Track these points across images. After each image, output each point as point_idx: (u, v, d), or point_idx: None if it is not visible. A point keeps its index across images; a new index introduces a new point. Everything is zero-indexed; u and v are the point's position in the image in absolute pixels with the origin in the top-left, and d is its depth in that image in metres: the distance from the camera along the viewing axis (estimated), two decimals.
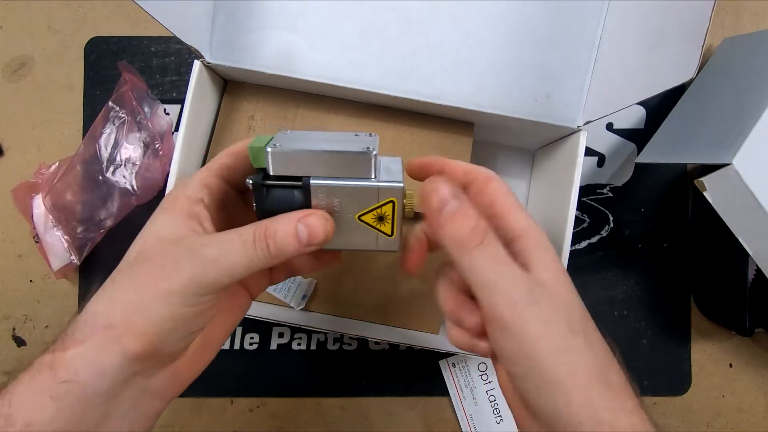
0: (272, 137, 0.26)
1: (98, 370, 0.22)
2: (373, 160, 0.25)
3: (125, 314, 0.23)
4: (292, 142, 0.25)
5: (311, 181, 0.25)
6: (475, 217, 0.24)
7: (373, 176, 0.25)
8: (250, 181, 0.25)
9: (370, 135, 0.28)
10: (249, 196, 0.26)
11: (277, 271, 0.30)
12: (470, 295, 0.26)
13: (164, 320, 0.23)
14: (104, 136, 0.47)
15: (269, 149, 0.24)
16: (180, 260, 0.23)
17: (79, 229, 0.46)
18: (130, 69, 0.48)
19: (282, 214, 0.25)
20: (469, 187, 0.27)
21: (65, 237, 0.46)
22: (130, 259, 0.25)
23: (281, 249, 0.24)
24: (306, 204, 0.25)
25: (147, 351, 0.23)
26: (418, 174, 0.28)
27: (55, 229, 0.47)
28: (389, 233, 0.27)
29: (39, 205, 0.47)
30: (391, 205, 0.26)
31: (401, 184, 0.25)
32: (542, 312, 0.22)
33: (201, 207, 0.26)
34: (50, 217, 0.47)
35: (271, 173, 0.25)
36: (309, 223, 0.24)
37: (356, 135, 0.28)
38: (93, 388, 0.22)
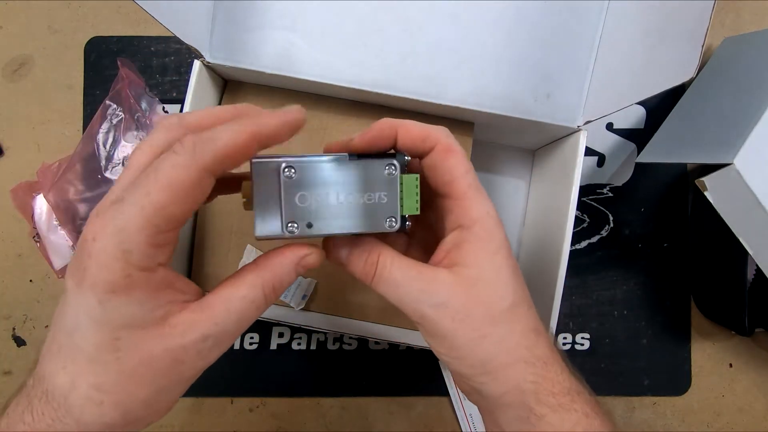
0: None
1: None
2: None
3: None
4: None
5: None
6: (362, 258, 0.25)
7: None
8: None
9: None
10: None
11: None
12: None
13: None
14: (102, 134, 0.47)
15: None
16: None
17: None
18: (129, 65, 0.48)
19: (277, 260, 0.24)
20: (427, 155, 0.25)
21: (69, 235, 0.46)
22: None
23: (283, 289, 0.25)
24: None
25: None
26: (373, 146, 0.25)
27: (59, 228, 0.47)
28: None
29: (41, 205, 0.47)
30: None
31: None
32: (453, 312, 0.24)
33: (166, 270, 0.22)
34: (53, 215, 0.47)
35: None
36: (308, 263, 0.25)
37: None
38: None
